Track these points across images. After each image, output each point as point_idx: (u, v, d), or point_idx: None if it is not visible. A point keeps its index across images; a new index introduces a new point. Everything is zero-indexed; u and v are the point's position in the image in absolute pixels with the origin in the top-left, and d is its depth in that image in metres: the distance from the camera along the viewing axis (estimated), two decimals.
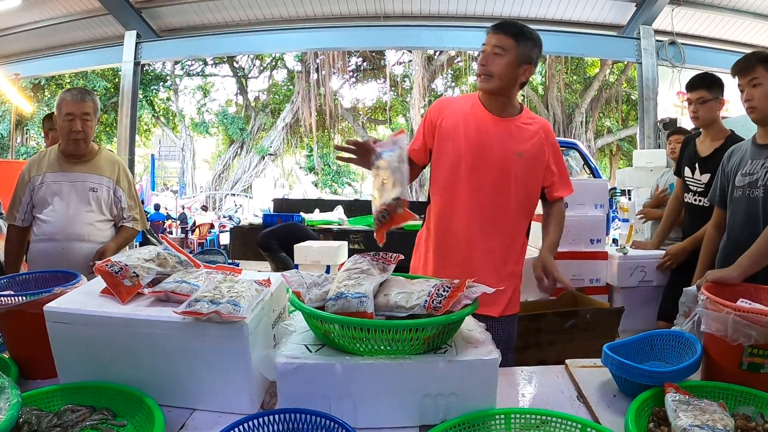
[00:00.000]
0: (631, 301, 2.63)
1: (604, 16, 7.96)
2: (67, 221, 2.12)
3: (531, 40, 1.60)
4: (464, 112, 1.66)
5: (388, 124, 18.50)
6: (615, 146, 17.51)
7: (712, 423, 0.86)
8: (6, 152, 14.51)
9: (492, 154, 1.62)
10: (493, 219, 1.65)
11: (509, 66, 1.57)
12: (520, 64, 1.59)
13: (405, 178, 1.33)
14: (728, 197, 1.83)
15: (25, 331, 1.09)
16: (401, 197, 1.26)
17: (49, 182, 2.12)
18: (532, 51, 1.60)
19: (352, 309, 0.95)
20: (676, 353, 1.21)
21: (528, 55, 1.59)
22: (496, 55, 1.57)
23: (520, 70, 1.60)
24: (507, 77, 1.59)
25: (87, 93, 2.13)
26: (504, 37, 1.57)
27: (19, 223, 2.17)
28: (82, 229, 2.13)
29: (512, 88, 1.64)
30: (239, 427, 0.84)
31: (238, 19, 8.50)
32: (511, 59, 1.57)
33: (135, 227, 2.27)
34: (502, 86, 1.61)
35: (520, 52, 1.57)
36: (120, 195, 2.22)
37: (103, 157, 2.23)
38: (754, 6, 7.26)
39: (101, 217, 2.18)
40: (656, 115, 7.49)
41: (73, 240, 2.11)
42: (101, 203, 2.17)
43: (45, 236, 2.13)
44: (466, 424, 0.92)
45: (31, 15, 8.16)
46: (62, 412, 0.91)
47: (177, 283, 1.09)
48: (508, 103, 1.67)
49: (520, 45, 1.57)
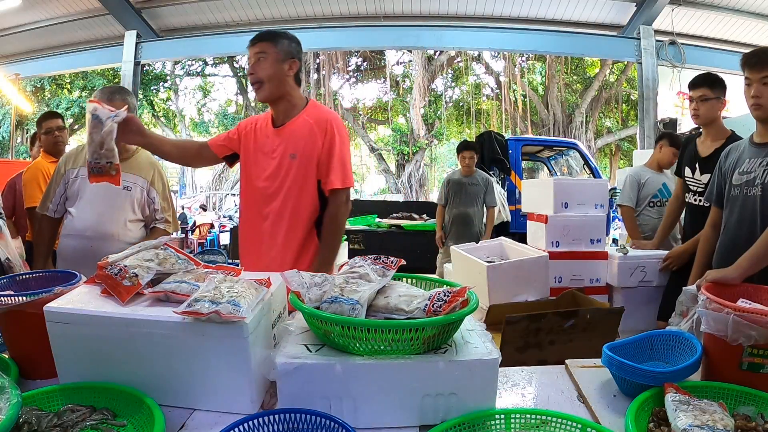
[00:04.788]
0: (631, 301, 2.63)
1: (604, 16, 7.97)
2: (98, 219, 2.12)
3: (286, 38, 1.79)
4: (254, 127, 1.87)
5: (388, 124, 18.50)
6: (615, 146, 17.52)
7: (712, 423, 0.86)
8: (6, 152, 14.51)
9: (270, 162, 1.80)
10: (277, 219, 1.80)
11: (275, 64, 1.74)
12: (284, 60, 1.76)
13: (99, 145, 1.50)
14: (725, 196, 1.83)
15: (25, 331, 1.09)
16: (113, 161, 1.50)
17: (83, 176, 2.10)
18: (290, 46, 1.78)
19: (344, 315, 0.96)
20: (676, 353, 1.21)
21: (288, 50, 1.77)
22: (261, 60, 1.74)
23: (286, 65, 1.77)
24: (276, 76, 1.75)
25: (116, 92, 2.08)
26: (261, 43, 1.75)
27: (51, 214, 2.20)
28: (112, 227, 2.12)
29: (286, 86, 1.78)
30: (239, 427, 0.83)
31: (238, 19, 8.51)
32: (274, 57, 1.74)
33: (167, 229, 2.27)
34: (274, 88, 1.76)
35: (279, 50, 1.75)
36: (154, 196, 2.22)
37: (140, 157, 2.23)
38: (754, 6, 7.27)
39: (132, 217, 2.18)
40: (656, 115, 7.50)
41: (103, 239, 2.10)
42: (134, 203, 2.17)
43: (75, 232, 2.13)
44: (466, 424, 0.91)
45: (31, 15, 8.17)
46: (62, 412, 0.91)
47: (177, 283, 1.09)
48: (288, 105, 1.82)
49: (278, 44, 1.76)
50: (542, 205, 2.89)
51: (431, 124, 17.49)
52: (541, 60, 16.28)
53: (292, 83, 1.80)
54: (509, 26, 8.03)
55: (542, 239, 2.81)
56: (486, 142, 6.62)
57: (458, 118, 18.32)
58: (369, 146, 18.53)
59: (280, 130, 1.81)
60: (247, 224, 1.90)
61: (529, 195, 3.24)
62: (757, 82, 1.65)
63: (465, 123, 17.84)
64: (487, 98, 18.19)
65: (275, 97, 1.79)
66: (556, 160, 8.45)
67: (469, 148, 4.44)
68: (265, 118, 1.88)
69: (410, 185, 17.24)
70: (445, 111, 17.81)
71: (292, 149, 1.77)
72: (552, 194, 2.79)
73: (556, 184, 2.83)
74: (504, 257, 2.87)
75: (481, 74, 18.22)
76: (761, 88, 1.64)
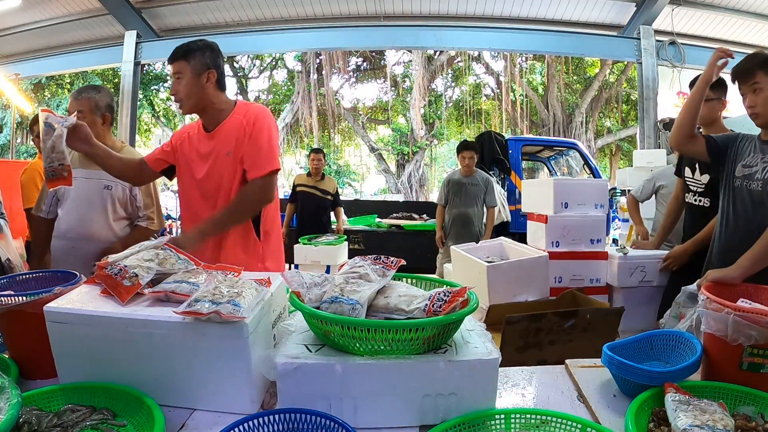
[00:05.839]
0: (631, 301, 2.63)
1: (604, 16, 7.97)
2: (79, 219, 2.13)
3: (199, 50, 1.78)
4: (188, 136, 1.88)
5: (388, 124, 18.49)
6: (615, 146, 17.50)
7: (712, 423, 0.86)
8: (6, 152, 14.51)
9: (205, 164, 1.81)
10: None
11: (191, 80, 1.76)
12: (200, 74, 1.77)
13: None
14: (728, 182, 1.83)
15: (25, 331, 1.09)
16: (63, 163, 1.54)
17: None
18: (203, 58, 1.78)
19: (344, 315, 0.96)
20: (676, 353, 1.21)
21: (203, 63, 1.77)
22: (179, 80, 1.77)
23: (203, 79, 1.77)
24: (194, 92, 1.77)
25: (83, 90, 2.14)
26: (176, 63, 1.76)
27: (44, 215, 2.23)
28: (92, 228, 2.13)
29: (207, 97, 1.79)
30: (239, 427, 0.83)
31: (238, 19, 8.51)
32: (190, 74, 1.76)
33: (150, 226, 2.26)
34: (195, 102, 1.78)
35: (193, 66, 1.76)
36: (136, 193, 2.21)
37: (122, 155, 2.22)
38: (754, 6, 7.27)
39: (115, 216, 2.18)
40: (656, 115, 7.50)
41: (83, 239, 2.11)
42: (116, 202, 2.17)
43: (60, 234, 2.15)
44: (466, 424, 0.92)
45: (31, 15, 8.17)
46: (62, 412, 0.91)
47: (177, 283, 1.10)
48: (215, 111, 1.82)
49: (191, 60, 1.76)
50: (542, 205, 2.89)
51: (431, 124, 17.48)
52: (541, 60, 16.27)
53: (214, 92, 1.81)
54: (509, 26, 8.03)
55: (542, 239, 2.81)
56: (486, 142, 6.62)
57: (458, 118, 18.31)
58: (369, 146, 18.52)
59: (213, 133, 1.83)
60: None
61: (529, 195, 3.24)
62: (749, 93, 1.67)
63: (465, 123, 17.82)
64: (487, 98, 18.17)
65: (199, 109, 1.82)
66: (556, 160, 8.45)
67: (469, 148, 4.45)
68: (197, 126, 1.89)
69: (410, 185, 17.23)
70: (445, 111, 17.79)
71: (227, 148, 1.78)
72: (552, 194, 2.79)
73: (556, 184, 2.83)
74: (504, 257, 2.87)
75: (481, 74, 18.21)
76: (754, 98, 1.66)
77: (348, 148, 20.51)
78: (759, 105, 1.65)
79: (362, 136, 18.46)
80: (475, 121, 17.61)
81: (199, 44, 1.79)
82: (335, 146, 18.92)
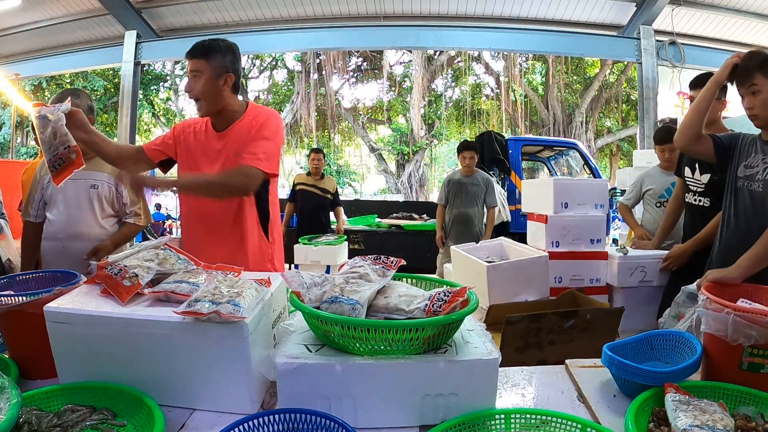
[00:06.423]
0: (631, 301, 2.63)
1: (604, 16, 7.97)
2: (68, 220, 2.16)
3: (220, 52, 1.76)
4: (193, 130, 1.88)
5: (388, 124, 18.49)
6: (615, 146, 17.51)
7: (712, 423, 0.86)
8: (6, 152, 14.51)
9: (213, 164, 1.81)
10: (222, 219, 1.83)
11: (209, 82, 1.74)
12: (219, 76, 1.75)
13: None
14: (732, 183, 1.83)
15: (25, 331, 1.09)
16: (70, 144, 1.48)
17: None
18: (224, 61, 1.76)
19: (344, 315, 0.96)
20: (676, 353, 1.21)
21: (222, 66, 1.76)
22: (195, 78, 1.74)
23: (221, 81, 1.76)
24: (211, 93, 1.75)
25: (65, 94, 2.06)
26: (195, 60, 1.74)
27: (32, 219, 2.24)
28: (81, 227, 2.15)
29: (223, 100, 1.79)
30: (239, 427, 0.83)
31: (238, 19, 8.51)
32: (208, 75, 1.74)
33: (137, 223, 2.29)
34: (212, 105, 1.77)
35: (213, 67, 1.74)
36: (122, 191, 2.24)
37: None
38: (754, 6, 7.27)
39: (103, 214, 2.20)
40: (656, 115, 7.50)
41: (73, 239, 2.14)
42: (102, 200, 2.19)
43: (49, 235, 2.18)
44: (466, 424, 0.92)
45: (31, 15, 8.17)
46: (62, 412, 0.91)
47: (177, 283, 1.10)
48: (228, 112, 1.82)
49: (211, 61, 1.74)
50: (542, 205, 2.89)
51: (431, 124, 17.49)
52: (541, 60, 16.28)
53: (229, 94, 1.80)
54: (509, 26, 8.03)
55: (542, 239, 2.81)
56: (486, 142, 6.62)
57: (458, 118, 18.31)
58: (369, 146, 18.53)
59: (224, 134, 1.82)
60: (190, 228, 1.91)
61: (529, 195, 3.24)
62: (747, 95, 1.67)
63: (465, 123, 17.82)
64: (487, 98, 18.17)
65: (214, 112, 1.81)
66: (556, 160, 8.46)
67: (470, 148, 4.45)
68: (204, 122, 1.87)
69: (410, 185, 17.23)
70: (445, 111, 17.80)
71: (237, 148, 1.77)
72: (552, 194, 2.79)
73: (556, 184, 2.83)
74: (504, 257, 2.87)
75: (481, 74, 18.22)
76: (752, 99, 1.66)
77: (348, 148, 20.53)
78: (757, 107, 1.65)
79: (362, 136, 18.47)
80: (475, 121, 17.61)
81: (222, 45, 1.77)
82: (335, 146, 18.92)
